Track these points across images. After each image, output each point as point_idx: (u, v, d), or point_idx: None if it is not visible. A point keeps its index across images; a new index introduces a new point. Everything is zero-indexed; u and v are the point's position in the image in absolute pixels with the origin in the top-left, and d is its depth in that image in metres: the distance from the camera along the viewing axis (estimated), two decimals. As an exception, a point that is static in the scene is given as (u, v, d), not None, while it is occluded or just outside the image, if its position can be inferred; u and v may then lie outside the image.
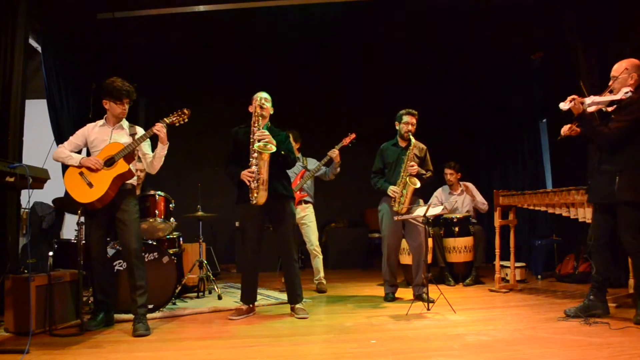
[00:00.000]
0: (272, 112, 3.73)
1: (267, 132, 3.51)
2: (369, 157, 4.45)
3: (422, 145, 4.24)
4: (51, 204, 4.80)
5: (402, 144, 4.21)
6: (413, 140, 4.10)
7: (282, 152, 3.55)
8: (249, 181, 3.45)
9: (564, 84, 5.31)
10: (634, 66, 3.11)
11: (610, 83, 3.18)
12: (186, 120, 3.44)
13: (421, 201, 4.22)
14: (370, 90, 7.45)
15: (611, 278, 3.64)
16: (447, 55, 6.87)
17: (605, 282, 3.29)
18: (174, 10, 5.60)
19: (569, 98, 3.12)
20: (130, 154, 3.31)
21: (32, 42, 5.06)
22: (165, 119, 3.39)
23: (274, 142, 3.49)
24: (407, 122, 4.16)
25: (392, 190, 4.05)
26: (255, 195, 3.43)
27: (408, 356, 2.52)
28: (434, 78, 7.38)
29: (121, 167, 3.26)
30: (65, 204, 4.43)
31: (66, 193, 5.31)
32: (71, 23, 5.45)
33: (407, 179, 4.00)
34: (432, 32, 6.31)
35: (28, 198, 3.44)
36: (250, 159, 3.50)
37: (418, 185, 3.99)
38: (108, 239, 3.56)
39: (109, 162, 3.26)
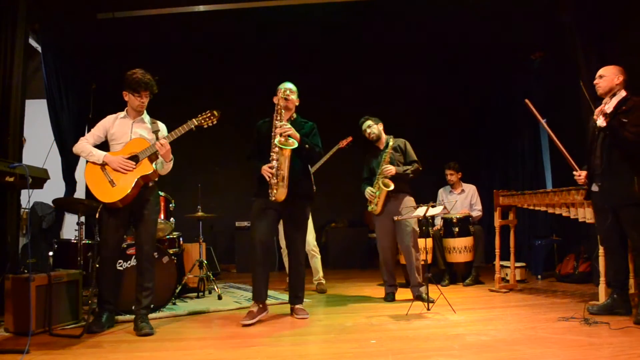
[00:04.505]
0: (297, 104, 3.60)
1: (288, 125, 3.36)
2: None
3: (401, 140, 4.26)
4: (51, 204, 4.80)
5: (380, 145, 4.26)
6: (384, 136, 4.21)
7: (306, 146, 3.41)
8: (268, 177, 3.30)
9: (564, 84, 5.33)
10: (621, 70, 3.30)
11: (595, 82, 3.35)
12: (215, 122, 3.26)
13: (409, 199, 4.17)
14: (370, 91, 7.45)
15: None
16: (448, 55, 6.87)
17: (626, 280, 3.35)
18: (174, 10, 5.61)
19: (601, 114, 3.17)
20: (154, 154, 3.22)
21: (32, 42, 5.07)
22: (194, 119, 3.25)
23: (298, 135, 3.37)
24: (364, 130, 4.26)
25: (367, 192, 4.16)
26: (275, 191, 3.29)
27: (408, 356, 2.52)
28: (434, 78, 7.38)
29: (146, 167, 3.19)
30: (66, 204, 4.43)
31: (66, 193, 5.36)
32: (71, 23, 5.46)
33: (381, 181, 4.04)
34: (432, 32, 6.31)
35: (28, 198, 3.43)
36: (271, 154, 3.33)
37: (391, 187, 4.01)
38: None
39: (133, 160, 3.19)
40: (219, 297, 4.38)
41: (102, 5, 5.44)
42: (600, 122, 3.12)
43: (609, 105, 3.22)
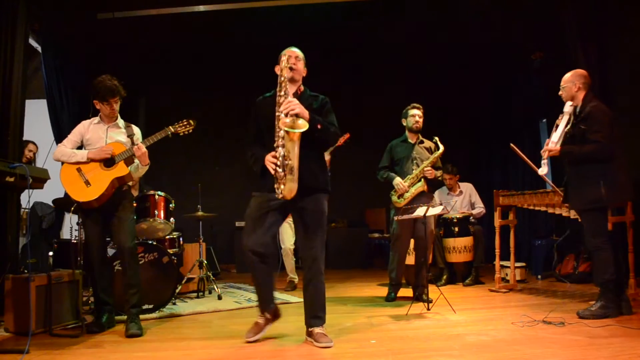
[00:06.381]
0: (304, 75, 2.95)
1: (295, 101, 2.67)
2: (368, 156, 4.46)
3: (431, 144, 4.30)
4: (51, 204, 4.81)
5: (412, 139, 4.23)
6: (421, 138, 4.21)
7: (318, 126, 2.70)
8: (273, 169, 2.65)
9: (564, 84, 5.32)
10: (578, 76, 3.41)
11: (559, 93, 3.50)
12: (191, 131, 3.39)
13: (434, 198, 4.22)
14: (369, 90, 7.45)
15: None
16: (447, 55, 6.86)
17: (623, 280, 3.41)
18: (174, 10, 5.60)
19: (544, 156, 3.38)
20: (130, 157, 3.27)
21: (32, 42, 5.07)
22: (170, 127, 3.36)
23: (307, 113, 2.67)
24: (413, 115, 4.22)
25: (398, 182, 4.06)
26: (282, 186, 2.62)
27: (408, 356, 2.52)
28: (434, 78, 7.37)
29: (121, 169, 3.23)
30: (66, 204, 4.43)
31: (66, 193, 5.35)
32: (71, 23, 5.46)
33: (420, 180, 4.04)
34: (432, 32, 6.31)
35: (28, 198, 3.44)
36: (276, 139, 2.68)
37: (425, 188, 4.05)
38: (108, 238, 3.52)
39: (109, 162, 3.24)
40: (219, 297, 4.38)
41: (102, 5, 5.44)
42: (542, 171, 3.32)
43: (553, 140, 3.35)
